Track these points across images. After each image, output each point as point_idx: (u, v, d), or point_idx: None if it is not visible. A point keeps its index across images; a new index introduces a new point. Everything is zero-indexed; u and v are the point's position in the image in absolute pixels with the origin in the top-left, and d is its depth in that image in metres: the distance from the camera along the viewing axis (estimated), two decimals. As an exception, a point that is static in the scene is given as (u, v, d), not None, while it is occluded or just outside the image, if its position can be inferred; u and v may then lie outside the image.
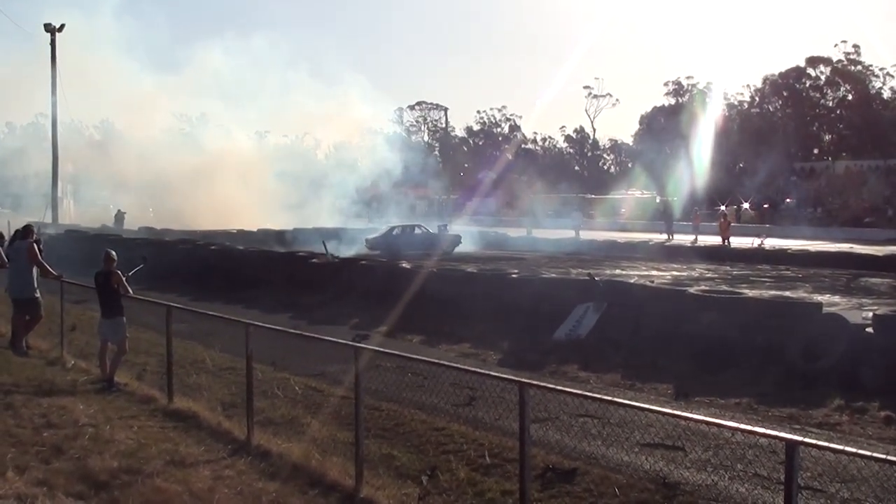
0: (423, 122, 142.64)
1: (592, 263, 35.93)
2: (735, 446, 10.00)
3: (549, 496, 8.79)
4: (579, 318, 17.79)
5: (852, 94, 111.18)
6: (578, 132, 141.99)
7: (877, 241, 53.03)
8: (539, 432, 10.41)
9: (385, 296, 21.52)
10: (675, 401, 12.97)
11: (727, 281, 29.90)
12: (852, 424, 11.70)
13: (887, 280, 30.32)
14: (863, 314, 16.14)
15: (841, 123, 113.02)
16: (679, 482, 8.98)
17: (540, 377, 13.54)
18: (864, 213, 73.28)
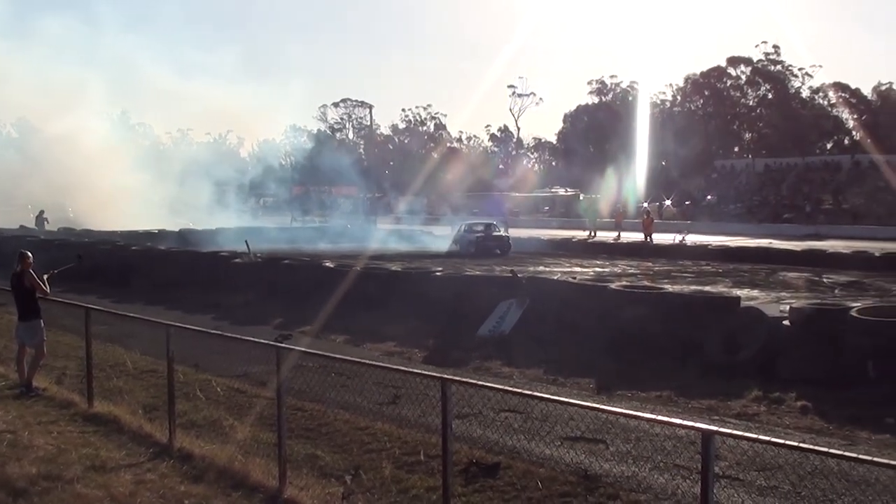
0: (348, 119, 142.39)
1: (516, 261, 36.07)
2: (655, 438, 10.15)
3: (473, 491, 8.83)
4: (503, 314, 17.90)
5: (772, 93, 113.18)
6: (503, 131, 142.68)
7: (795, 236, 53.99)
8: (463, 428, 10.49)
9: (309, 295, 21.45)
10: (596, 394, 13.15)
11: (649, 276, 30.25)
12: (770, 414, 11.94)
13: (804, 274, 30.82)
14: (780, 307, 16.43)
15: (761, 122, 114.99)
16: (600, 474, 9.08)
17: (464, 373, 13.66)
18: (782, 209, 74.52)
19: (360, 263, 26.47)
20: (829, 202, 76.93)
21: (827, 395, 12.27)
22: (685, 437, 9.29)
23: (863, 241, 45.97)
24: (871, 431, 11.00)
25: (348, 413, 11.96)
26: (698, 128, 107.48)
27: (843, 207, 74.28)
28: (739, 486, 8.79)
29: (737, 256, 37.64)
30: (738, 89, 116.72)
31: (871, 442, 10.63)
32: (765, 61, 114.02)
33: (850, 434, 10.98)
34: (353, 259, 30.80)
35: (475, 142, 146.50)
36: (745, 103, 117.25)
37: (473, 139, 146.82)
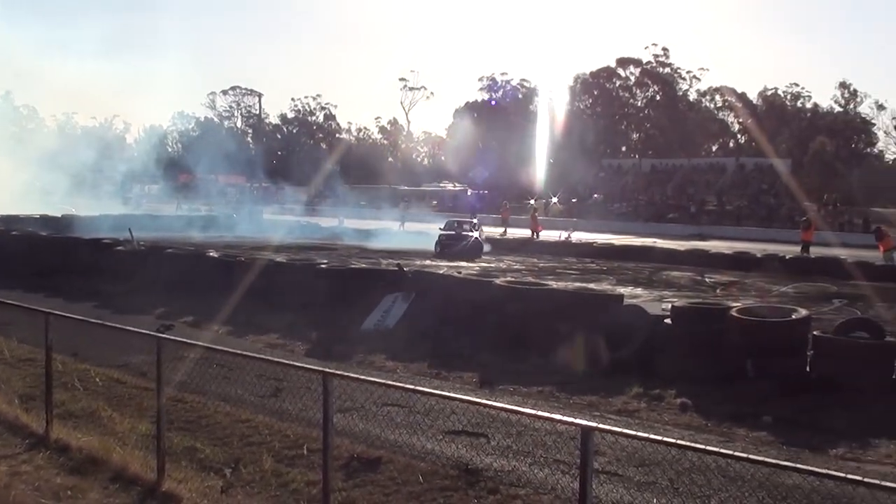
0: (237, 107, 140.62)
1: (404, 255, 36.03)
2: (536, 433, 10.21)
3: (354, 485, 8.77)
4: (388, 308, 17.87)
5: (660, 95, 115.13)
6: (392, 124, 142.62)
7: (679, 236, 55.10)
8: (345, 422, 10.39)
9: (192, 285, 21.16)
10: (479, 389, 13.15)
11: (534, 273, 30.47)
12: (650, 411, 12.10)
13: (687, 273, 31.45)
14: (662, 306, 16.67)
15: (649, 123, 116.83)
16: (481, 468, 9.11)
17: (347, 367, 13.53)
18: (667, 209, 75.89)
19: (245, 254, 26.20)
20: (713, 203, 78.68)
21: (707, 393, 12.48)
22: (566, 432, 9.35)
23: (745, 243, 47.18)
24: (749, 429, 11.21)
25: (229, 405, 11.78)
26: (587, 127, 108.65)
27: (727, 209, 76.01)
28: (619, 482, 8.88)
29: (621, 255, 38.29)
30: (626, 90, 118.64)
31: (748, 439, 10.84)
32: (654, 63, 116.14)
33: (729, 431, 11.19)
34: (237, 249, 30.51)
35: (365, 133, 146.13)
36: (633, 104, 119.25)
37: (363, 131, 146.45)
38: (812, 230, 41.00)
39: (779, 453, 10.14)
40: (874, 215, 70.15)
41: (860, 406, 11.75)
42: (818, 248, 41.38)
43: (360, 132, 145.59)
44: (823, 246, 44.14)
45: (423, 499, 8.44)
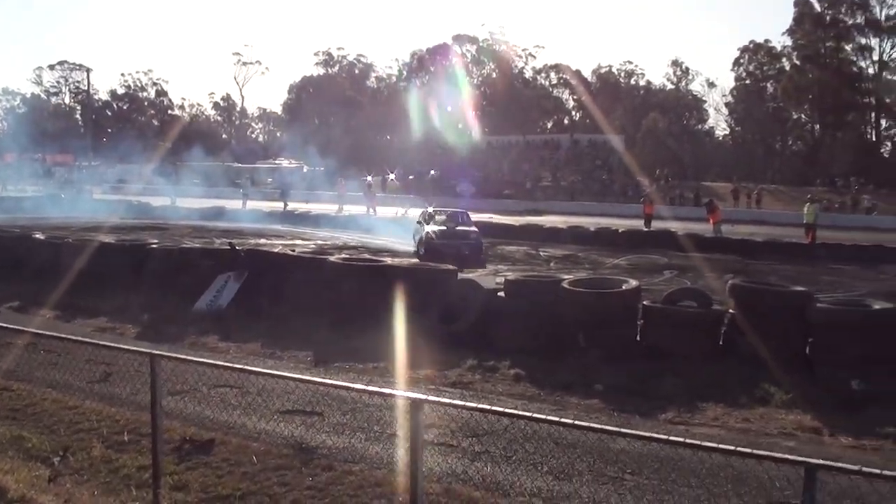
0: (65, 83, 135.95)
1: (237, 233, 35.53)
2: (371, 409, 10.20)
3: (186, 468, 8.60)
4: (220, 288, 17.57)
5: (496, 72, 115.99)
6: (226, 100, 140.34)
7: (515, 211, 55.76)
8: (177, 405, 10.29)
9: (17, 268, 20.47)
10: (314, 367, 13.07)
11: (370, 250, 30.40)
12: (484, 382, 12.25)
13: (522, 248, 31.88)
14: (496, 279, 16.86)
15: (485, 100, 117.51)
16: (317, 446, 9.05)
17: (179, 349, 13.32)
18: (503, 185, 76.69)
19: (73, 235, 25.46)
20: (549, 179, 79.83)
21: (540, 364, 12.72)
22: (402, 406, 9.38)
23: (579, 217, 48.03)
24: (581, 397, 11.47)
25: (57, 392, 11.38)
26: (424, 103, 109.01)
27: (562, 185, 77.26)
28: (452, 453, 8.93)
29: (458, 230, 38.55)
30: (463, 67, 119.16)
31: (580, 407, 11.08)
32: (490, 40, 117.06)
33: (561, 400, 11.41)
34: (65, 230, 29.63)
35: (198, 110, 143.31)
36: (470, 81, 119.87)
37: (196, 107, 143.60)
38: (718, 213, 41.72)
39: (609, 419, 10.40)
40: (704, 189, 72.44)
41: (689, 372, 12.15)
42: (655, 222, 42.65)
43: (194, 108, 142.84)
44: (656, 219, 45.47)
45: (256, 479, 8.32)
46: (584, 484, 8.17)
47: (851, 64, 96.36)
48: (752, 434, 10.17)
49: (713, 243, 33.09)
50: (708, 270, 25.35)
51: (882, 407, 11.03)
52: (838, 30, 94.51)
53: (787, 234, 38.70)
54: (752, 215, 59.58)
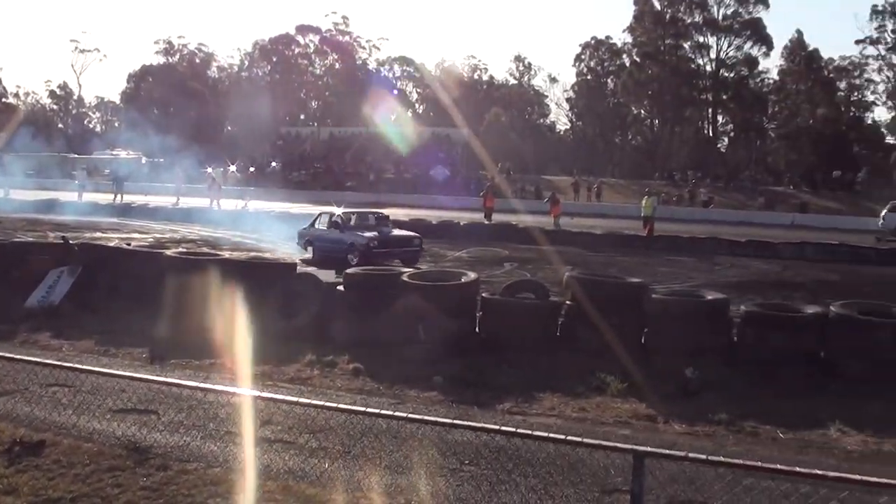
0: None
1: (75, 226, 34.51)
2: (209, 406, 9.96)
3: (16, 471, 8.27)
4: (52, 283, 16.99)
5: (339, 63, 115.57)
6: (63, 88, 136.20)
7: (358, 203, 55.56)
8: (6, 405, 10.00)
9: None
10: (150, 364, 12.75)
11: (209, 243, 29.92)
12: (323, 377, 12.15)
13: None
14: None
15: (328, 91, 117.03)
16: (151, 445, 8.81)
17: (10, 348, 12.82)
18: (346, 177, 76.53)
19: None
20: (391, 172, 79.90)
21: (379, 357, 12.69)
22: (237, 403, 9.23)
23: (421, 210, 48.22)
24: (420, 390, 11.49)
25: None
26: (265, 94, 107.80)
27: (405, 177, 77.40)
28: (291, 449, 8.81)
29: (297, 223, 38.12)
30: (306, 58, 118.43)
31: (419, 399, 11.12)
32: (333, 31, 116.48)
33: (401, 393, 11.42)
34: None
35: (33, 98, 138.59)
36: (312, 72, 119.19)
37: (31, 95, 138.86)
38: (559, 207, 42.15)
39: (448, 411, 10.42)
40: (546, 183, 73.57)
41: (527, 363, 12.34)
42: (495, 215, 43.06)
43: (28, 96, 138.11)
44: (499, 212, 45.95)
45: (89, 480, 8.06)
46: (423, 476, 8.16)
47: (690, 61, 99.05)
48: (588, 423, 10.36)
49: (554, 236, 33.60)
50: (548, 263, 25.75)
51: (714, 394, 11.40)
52: (677, 28, 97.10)
53: (626, 226, 39.50)
54: (592, 208, 60.84)
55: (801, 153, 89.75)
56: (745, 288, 22.36)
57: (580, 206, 60.44)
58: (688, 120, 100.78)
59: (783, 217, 58.65)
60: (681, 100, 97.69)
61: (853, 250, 32.31)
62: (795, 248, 32.39)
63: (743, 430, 10.22)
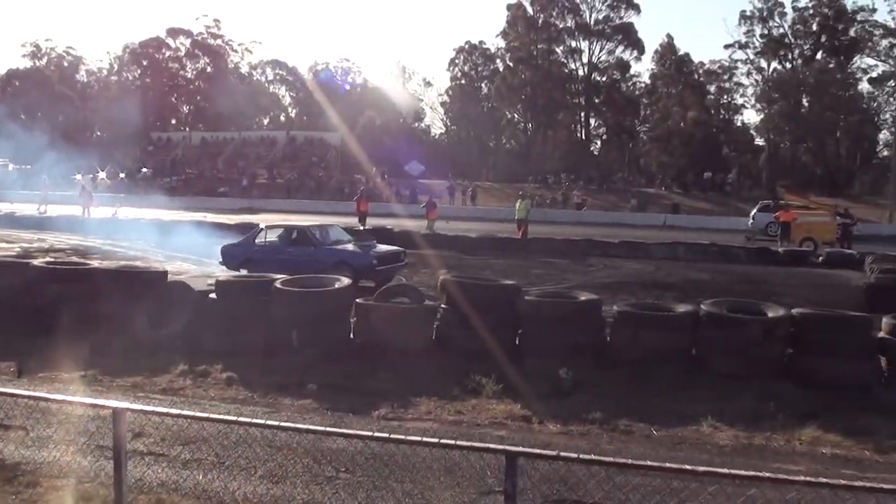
0: None
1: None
2: (79, 420, 9.73)
3: None
4: None
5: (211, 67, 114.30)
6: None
7: (230, 209, 55.15)
8: None
9: None
10: (18, 378, 12.39)
11: (79, 252, 29.24)
12: (196, 388, 11.95)
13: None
14: (208, 281, 16.50)
15: (199, 95, 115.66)
16: (20, 462, 8.59)
17: None
18: (218, 182, 75.76)
19: None
20: (265, 177, 79.43)
21: (253, 366, 12.57)
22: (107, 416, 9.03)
23: (295, 215, 47.89)
24: (295, 398, 11.37)
25: None
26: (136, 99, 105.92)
27: (278, 182, 77.04)
28: (164, 462, 8.69)
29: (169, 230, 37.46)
30: (177, 61, 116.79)
31: (293, 408, 10.99)
32: (205, 34, 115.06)
33: (275, 402, 11.29)
34: None
35: None
36: (184, 76, 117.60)
37: None
38: (435, 211, 42.16)
39: (323, 419, 10.38)
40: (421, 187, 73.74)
41: (402, 367, 12.33)
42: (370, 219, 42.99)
43: None
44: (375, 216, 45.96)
45: (-47, 501, 7.84)
46: (299, 485, 8.11)
47: (562, 66, 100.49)
48: (464, 425, 10.40)
49: (429, 240, 33.71)
50: (423, 267, 25.86)
51: (589, 393, 11.57)
52: (550, 33, 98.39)
53: (500, 229, 39.87)
54: (467, 212, 61.28)
55: (673, 155, 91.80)
56: (617, 288, 22.76)
57: (455, 209, 60.76)
58: (561, 123, 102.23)
59: (655, 218, 60.02)
60: (554, 104, 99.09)
61: (723, 250, 33.24)
62: (667, 249, 33.15)
63: (617, 428, 10.38)
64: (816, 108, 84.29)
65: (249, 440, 8.47)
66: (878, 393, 11.86)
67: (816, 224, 40.96)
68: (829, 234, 39.70)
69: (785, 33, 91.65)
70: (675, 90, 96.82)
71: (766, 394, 11.44)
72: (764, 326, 12.57)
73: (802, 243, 38.25)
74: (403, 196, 69.79)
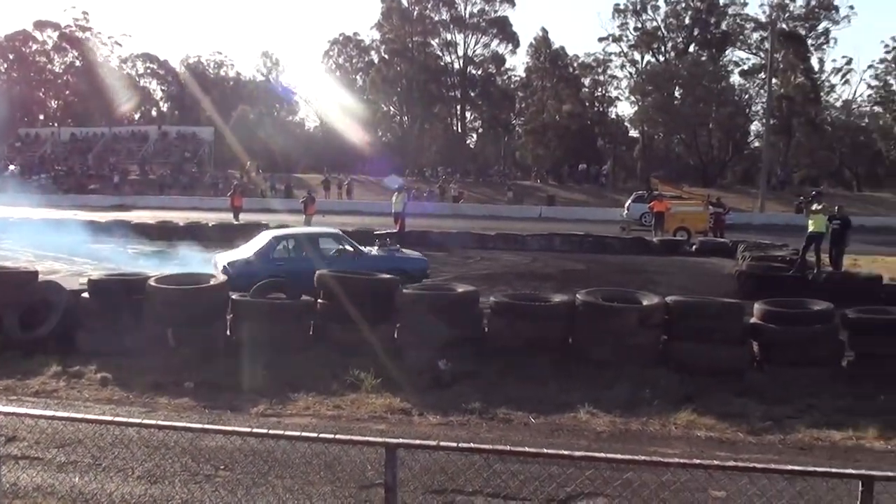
0: None
1: None
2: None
3: None
4: None
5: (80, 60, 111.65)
6: None
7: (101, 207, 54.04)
8: None
9: None
10: None
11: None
12: (70, 389, 11.72)
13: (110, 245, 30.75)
14: (80, 280, 16.14)
15: (68, 90, 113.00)
16: None
17: None
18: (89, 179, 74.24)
19: None
20: (137, 173, 78.04)
21: (129, 366, 12.36)
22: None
23: (168, 212, 47.25)
24: (172, 397, 11.29)
25: None
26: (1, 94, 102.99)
27: (151, 178, 75.78)
28: (38, 465, 8.51)
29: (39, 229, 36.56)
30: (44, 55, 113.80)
31: (170, 407, 10.91)
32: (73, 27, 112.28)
33: (151, 401, 11.16)
34: None
35: None
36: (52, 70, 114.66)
37: None
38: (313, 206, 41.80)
39: (201, 417, 10.30)
40: (296, 181, 73.37)
41: (280, 363, 12.37)
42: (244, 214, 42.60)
43: None
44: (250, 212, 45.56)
45: None
46: (178, 485, 8.05)
47: (438, 58, 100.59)
48: (343, 420, 10.43)
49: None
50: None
51: (467, 384, 11.69)
52: (425, 25, 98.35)
53: (377, 223, 39.81)
54: (343, 205, 61.04)
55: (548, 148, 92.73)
56: (495, 280, 22.99)
57: (331, 203, 60.50)
58: (437, 116, 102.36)
59: (532, 210, 60.69)
60: (430, 96, 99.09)
61: (599, 240, 33.88)
62: (544, 240, 33.55)
63: (496, 417, 10.52)
64: (689, 100, 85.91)
65: (126, 441, 8.35)
66: (750, 377, 12.24)
67: (689, 214, 41.85)
68: (701, 224, 40.68)
69: (658, 26, 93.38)
70: (551, 83, 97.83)
71: (642, 380, 11.73)
72: (639, 314, 12.84)
73: (676, 233, 39.12)
74: (279, 190, 69.27)
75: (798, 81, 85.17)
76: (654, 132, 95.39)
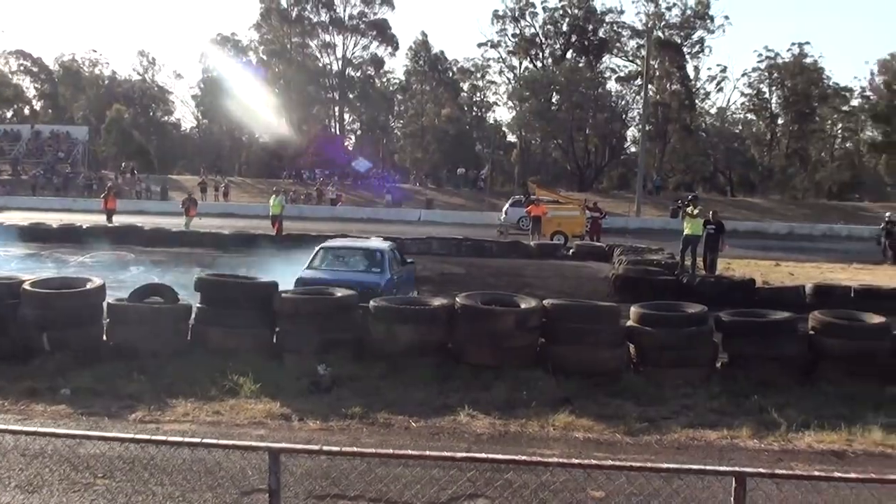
0: None
1: None
2: None
3: None
4: None
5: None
6: None
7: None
8: None
9: None
10: None
11: None
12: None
13: None
14: None
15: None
16: None
17: None
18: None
19: None
20: (9, 173, 76.14)
21: (2, 371, 12.07)
22: None
23: (41, 213, 46.13)
24: (48, 403, 11.05)
25: None
26: None
27: (23, 178, 74.01)
28: None
29: None
30: None
31: (46, 414, 10.69)
32: None
33: (26, 408, 10.91)
34: None
35: None
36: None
37: None
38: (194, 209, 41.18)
39: (78, 424, 10.13)
40: (172, 182, 72.37)
41: (158, 369, 12.24)
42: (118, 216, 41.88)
43: None
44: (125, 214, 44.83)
45: None
46: (55, 494, 7.95)
47: (316, 60, 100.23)
48: (223, 426, 10.38)
49: (182, 237, 33.21)
50: (177, 265, 25.43)
51: (347, 389, 11.76)
52: (304, 26, 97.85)
53: (255, 225, 39.53)
54: (219, 208, 60.35)
55: (427, 151, 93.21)
56: (374, 284, 22.94)
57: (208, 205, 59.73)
58: (315, 118, 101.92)
59: (410, 213, 60.83)
60: (308, 98, 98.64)
61: (477, 244, 34.08)
62: (422, 244, 33.58)
63: (377, 421, 10.60)
64: (566, 105, 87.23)
65: (2, 450, 8.18)
66: (627, 379, 12.54)
67: (566, 218, 42.36)
68: (578, 228, 41.34)
69: (536, 33, 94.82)
70: (430, 87, 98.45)
71: (520, 383, 11.95)
72: (516, 317, 13.05)
73: (553, 236, 39.65)
74: (154, 192, 68.25)
75: (674, 88, 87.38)
76: (531, 137, 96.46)
